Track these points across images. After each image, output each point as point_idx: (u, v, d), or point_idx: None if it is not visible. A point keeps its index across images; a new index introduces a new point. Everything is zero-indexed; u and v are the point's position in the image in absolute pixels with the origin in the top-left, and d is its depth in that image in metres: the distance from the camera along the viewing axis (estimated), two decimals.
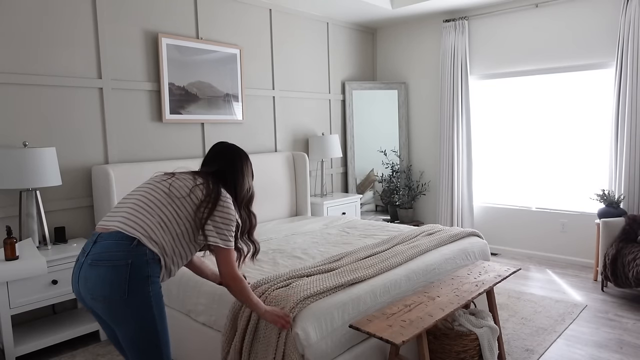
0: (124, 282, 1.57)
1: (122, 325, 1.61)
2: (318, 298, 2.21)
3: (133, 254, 1.60)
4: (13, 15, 2.98)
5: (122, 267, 1.57)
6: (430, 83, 5.46)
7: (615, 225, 3.79)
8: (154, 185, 1.79)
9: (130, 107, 3.58)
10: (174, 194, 1.75)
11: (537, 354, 2.78)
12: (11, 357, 2.67)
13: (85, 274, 1.61)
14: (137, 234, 1.63)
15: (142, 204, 1.72)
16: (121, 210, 1.72)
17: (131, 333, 1.61)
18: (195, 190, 1.78)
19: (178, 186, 1.78)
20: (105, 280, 1.56)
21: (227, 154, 1.96)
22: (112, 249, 1.60)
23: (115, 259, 1.58)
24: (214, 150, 1.99)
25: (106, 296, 1.57)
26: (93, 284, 1.58)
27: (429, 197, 5.59)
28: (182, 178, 1.82)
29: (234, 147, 2.00)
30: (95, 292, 1.58)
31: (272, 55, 4.62)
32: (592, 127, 4.48)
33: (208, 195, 1.78)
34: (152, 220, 1.68)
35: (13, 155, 2.78)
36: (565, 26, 4.45)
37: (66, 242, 3.14)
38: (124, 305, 1.58)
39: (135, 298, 1.59)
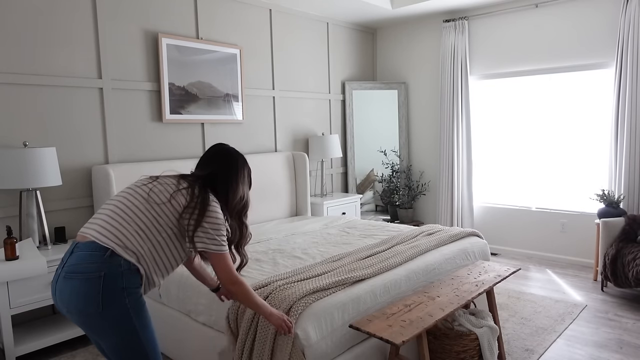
0: (98, 295, 1.50)
1: (102, 338, 1.56)
2: (318, 298, 2.21)
3: (107, 265, 1.52)
4: (13, 15, 2.98)
5: (95, 280, 1.50)
6: (430, 83, 5.46)
7: (615, 225, 3.79)
8: (133, 191, 1.68)
9: (130, 107, 3.58)
10: (153, 199, 1.64)
11: (537, 354, 2.78)
12: (11, 357, 2.67)
13: (60, 286, 1.54)
14: (111, 244, 1.54)
15: (119, 210, 1.62)
16: (98, 218, 1.63)
17: (113, 345, 1.56)
18: (177, 196, 1.67)
19: (158, 191, 1.67)
20: (79, 293, 1.50)
21: (222, 157, 1.85)
22: (86, 261, 1.52)
23: (88, 271, 1.51)
24: (210, 152, 1.89)
25: (81, 310, 1.51)
26: (68, 297, 1.52)
27: (429, 197, 5.59)
28: (164, 182, 1.71)
29: (232, 151, 1.89)
30: (70, 305, 1.52)
31: (272, 55, 4.62)
32: (592, 127, 4.48)
33: (192, 201, 1.67)
34: (128, 228, 1.59)
35: (13, 155, 2.78)
36: (566, 26, 4.45)
37: (66, 242, 3.14)
38: (101, 319, 1.52)
39: (111, 311, 1.52)
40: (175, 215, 1.66)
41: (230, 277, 1.75)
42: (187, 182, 1.74)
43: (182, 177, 1.77)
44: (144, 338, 1.60)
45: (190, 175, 1.81)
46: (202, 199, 1.68)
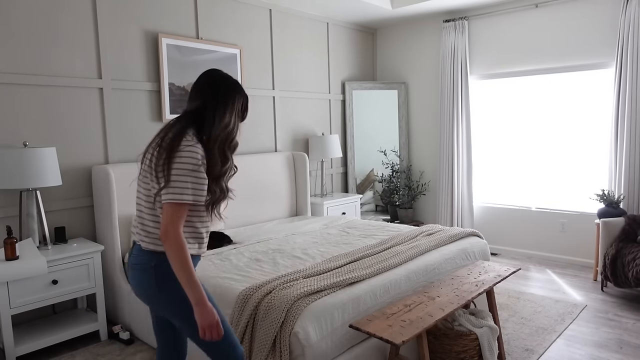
0: (156, 283, 1.62)
1: (172, 319, 1.67)
2: (318, 298, 2.21)
3: (153, 257, 1.63)
4: (13, 15, 2.98)
5: (148, 270, 1.62)
6: (430, 83, 5.46)
7: (615, 225, 3.79)
8: (139, 184, 1.72)
9: (130, 107, 3.58)
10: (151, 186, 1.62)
11: (537, 353, 2.79)
12: (11, 357, 2.67)
13: (130, 275, 1.71)
14: (146, 246, 1.63)
15: (139, 208, 1.70)
16: (136, 215, 1.72)
17: (183, 327, 1.65)
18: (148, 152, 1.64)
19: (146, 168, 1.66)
20: (141, 281, 1.65)
21: (211, 87, 1.67)
22: (139, 253, 1.66)
23: (143, 262, 1.64)
24: (199, 82, 1.72)
25: (144, 295, 1.67)
26: (135, 285, 1.69)
27: (429, 197, 5.59)
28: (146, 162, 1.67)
29: (223, 78, 1.70)
30: (137, 291, 1.69)
31: (272, 55, 4.62)
32: (592, 127, 4.48)
33: (161, 140, 1.57)
34: (150, 226, 1.64)
35: (13, 155, 2.78)
36: (566, 26, 4.45)
37: (66, 242, 3.14)
38: (163, 303, 1.64)
39: (171, 297, 1.61)
40: (156, 182, 1.59)
41: (167, 225, 1.50)
42: (164, 133, 1.61)
43: (167, 126, 1.65)
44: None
45: (178, 116, 1.68)
46: (170, 140, 1.55)
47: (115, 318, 3.29)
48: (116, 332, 3.08)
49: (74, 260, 2.93)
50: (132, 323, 3.13)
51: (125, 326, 3.20)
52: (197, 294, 1.52)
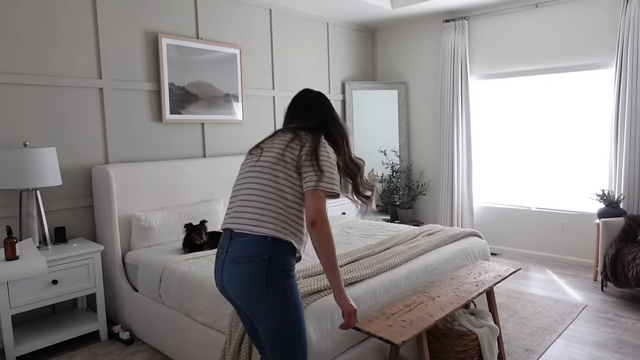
0: (263, 278, 1.58)
1: (262, 321, 1.62)
2: (318, 298, 2.21)
3: (268, 248, 1.60)
4: (13, 15, 2.98)
5: (259, 263, 1.58)
6: (430, 83, 5.46)
7: (615, 225, 3.79)
8: (254, 175, 1.70)
9: (130, 107, 3.58)
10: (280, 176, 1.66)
11: (537, 353, 2.79)
12: (11, 357, 2.67)
13: (228, 271, 1.64)
14: (267, 232, 1.60)
15: (254, 198, 1.66)
16: (241, 209, 1.67)
17: (270, 330, 1.61)
18: (288, 150, 1.69)
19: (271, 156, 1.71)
20: (245, 276, 1.59)
21: (318, 105, 1.86)
22: (249, 246, 1.60)
23: (253, 255, 1.59)
24: (305, 101, 1.89)
25: (247, 292, 1.60)
26: (236, 281, 1.61)
27: (429, 197, 5.59)
28: (272, 146, 1.73)
29: (320, 95, 1.91)
30: (237, 288, 1.62)
31: (272, 55, 4.62)
32: (592, 127, 4.48)
33: (304, 143, 1.69)
34: (274, 213, 1.63)
35: (13, 155, 2.78)
36: (566, 26, 4.45)
37: (66, 242, 3.14)
38: (264, 301, 1.59)
39: (273, 293, 1.59)
40: (294, 170, 1.66)
41: (317, 213, 1.59)
42: (292, 133, 1.74)
43: (285, 132, 1.77)
44: (297, 328, 1.64)
45: (293, 129, 1.78)
46: (312, 138, 1.70)
47: (115, 318, 3.29)
48: (116, 332, 3.08)
49: (74, 260, 2.94)
50: (132, 323, 3.13)
51: (125, 326, 3.20)
52: (339, 281, 1.65)
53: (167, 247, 3.32)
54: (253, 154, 1.78)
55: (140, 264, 3.09)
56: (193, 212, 3.61)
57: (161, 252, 3.20)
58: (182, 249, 3.23)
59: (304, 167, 1.65)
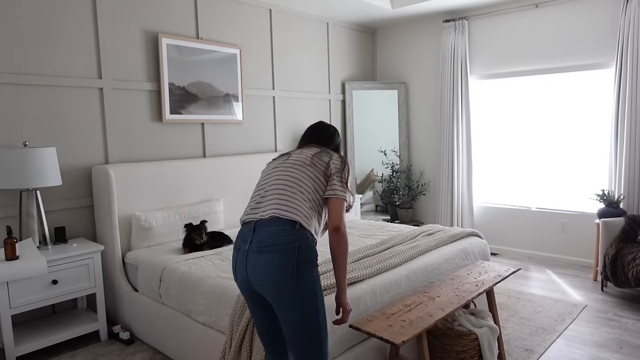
0: (293, 266, 1.61)
1: (288, 310, 1.63)
2: None
3: (298, 237, 1.64)
4: (13, 15, 2.98)
5: (289, 252, 1.62)
6: (430, 83, 5.46)
7: (615, 225, 3.79)
8: (280, 171, 1.81)
9: (130, 107, 3.58)
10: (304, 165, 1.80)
11: (537, 353, 2.79)
12: (11, 357, 2.67)
13: (254, 260, 1.65)
14: (297, 218, 1.66)
15: (285, 187, 1.74)
16: (269, 197, 1.74)
17: (295, 319, 1.63)
18: (319, 157, 1.83)
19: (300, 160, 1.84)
20: (275, 265, 1.61)
21: (333, 135, 2.06)
22: (277, 235, 1.64)
23: (283, 244, 1.62)
24: (325, 131, 2.05)
25: (276, 281, 1.61)
26: (264, 269, 1.63)
27: (429, 197, 5.59)
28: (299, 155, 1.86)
29: (336, 129, 2.11)
30: (265, 277, 1.63)
31: (272, 55, 4.62)
32: (592, 127, 4.48)
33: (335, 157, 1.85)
34: (302, 203, 1.71)
35: (13, 155, 2.78)
36: (566, 26, 4.45)
37: (66, 242, 3.14)
38: (293, 290, 1.62)
39: (302, 282, 1.62)
40: (322, 174, 1.78)
41: (341, 220, 1.71)
42: (319, 147, 1.92)
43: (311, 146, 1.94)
44: (322, 318, 1.68)
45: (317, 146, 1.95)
46: (339, 155, 1.89)
47: (115, 318, 3.29)
48: (116, 332, 3.08)
49: (74, 260, 2.94)
50: (132, 323, 3.13)
51: (125, 326, 3.20)
52: (346, 281, 1.76)
53: (167, 247, 3.32)
54: (278, 159, 1.89)
55: (140, 264, 3.09)
56: (193, 212, 3.61)
57: (161, 252, 3.20)
58: (182, 249, 3.23)
59: (332, 176, 1.78)
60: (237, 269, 1.72)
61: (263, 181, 1.84)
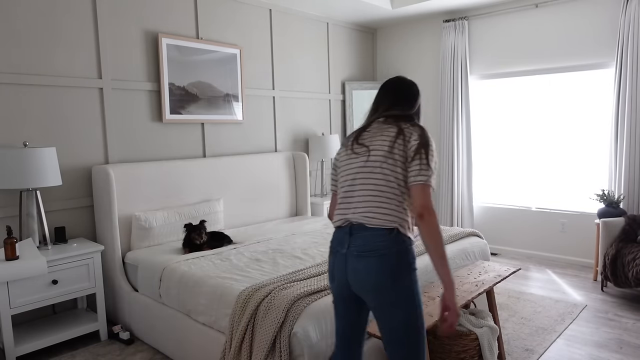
0: (392, 271, 1.59)
1: (387, 315, 1.62)
2: (318, 298, 2.21)
3: (395, 242, 1.61)
4: (14, 15, 2.98)
5: (388, 257, 1.59)
6: (430, 83, 5.46)
7: (615, 225, 3.79)
8: (369, 171, 1.69)
9: (130, 107, 3.58)
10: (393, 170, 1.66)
11: (537, 354, 2.79)
12: (11, 357, 2.67)
13: (354, 265, 1.63)
14: (393, 225, 1.62)
15: (375, 193, 1.66)
16: (360, 203, 1.68)
17: (394, 324, 1.61)
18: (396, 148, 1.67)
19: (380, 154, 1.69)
20: (375, 270, 1.59)
21: (414, 92, 1.83)
22: (376, 240, 1.61)
23: (381, 249, 1.60)
24: (401, 88, 1.84)
25: (376, 285, 1.60)
26: (364, 274, 1.61)
27: None
28: (377, 142, 1.71)
29: (412, 83, 1.87)
30: (366, 282, 1.61)
31: (272, 55, 4.62)
32: (592, 127, 4.48)
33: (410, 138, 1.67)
34: (395, 206, 1.64)
35: (13, 155, 2.78)
36: (566, 26, 4.45)
37: (66, 242, 3.14)
38: (393, 294, 1.59)
39: (401, 287, 1.60)
40: (403, 163, 1.66)
41: (424, 207, 1.58)
42: (395, 126, 1.72)
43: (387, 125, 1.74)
44: (420, 323, 1.64)
45: (393, 118, 1.77)
46: (418, 132, 1.68)
47: (115, 318, 3.29)
48: (116, 332, 3.08)
49: (74, 260, 2.94)
50: (132, 323, 3.13)
51: (125, 326, 3.20)
52: (449, 274, 1.57)
53: (167, 247, 3.32)
54: (358, 152, 1.74)
55: (140, 264, 3.09)
56: (193, 212, 3.61)
57: (161, 252, 3.20)
58: (182, 249, 3.23)
59: (412, 163, 1.64)
60: (336, 272, 1.71)
61: (349, 181, 1.74)
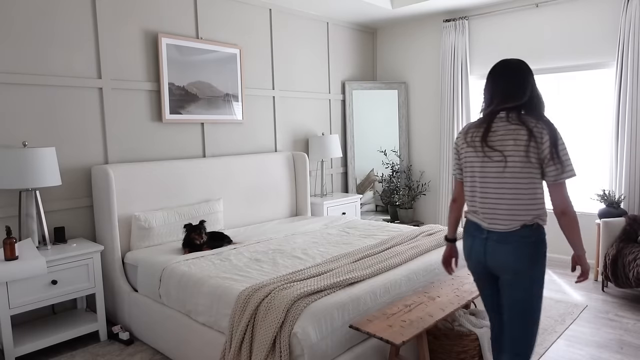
0: (529, 258, 1.79)
1: (516, 293, 1.83)
2: (318, 298, 2.21)
3: (535, 233, 1.80)
4: (13, 15, 2.98)
5: (528, 245, 1.79)
6: (430, 83, 5.45)
7: (615, 225, 3.78)
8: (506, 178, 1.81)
9: (130, 107, 3.57)
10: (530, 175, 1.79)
11: (537, 354, 2.78)
12: (11, 357, 2.66)
13: (493, 248, 1.84)
14: (535, 220, 1.79)
15: (517, 198, 1.79)
16: (501, 206, 1.82)
17: (524, 301, 1.82)
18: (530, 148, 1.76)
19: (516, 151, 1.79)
20: (514, 255, 1.79)
21: (526, 76, 1.86)
22: (516, 231, 1.79)
23: (521, 238, 1.79)
24: (515, 76, 1.86)
25: (514, 267, 1.80)
26: (504, 258, 1.82)
27: (429, 197, 5.58)
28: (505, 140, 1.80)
29: (523, 63, 1.89)
30: (505, 264, 1.82)
31: (272, 55, 4.61)
32: (592, 127, 4.48)
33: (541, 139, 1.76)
34: (534, 203, 1.79)
35: (13, 155, 2.77)
36: (566, 26, 4.45)
37: (66, 242, 3.13)
38: (527, 278, 1.80)
39: (535, 272, 1.81)
40: (537, 167, 1.79)
41: (565, 204, 1.78)
42: (524, 128, 1.78)
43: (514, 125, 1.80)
44: (540, 303, 1.85)
45: (514, 112, 1.83)
46: (546, 130, 1.77)
47: (115, 318, 3.28)
48: (116, 333, 3.08)
49: (74, 260, 2.93)
50: (131, 323, 3.13)
51: (124, 326, 3.20)
52: (582, 247, 1.84)
53: (167, 247, 3.32)
54: (491, 157, 1.84)
55: (140, 264, 3.09)
56: (193, 212, 3.60)
57: (161, 252, 3.20)
58: (182, 249, 3.23)
59: (547, 164, 1.76)
60: (473, 254, 1.92)
61: (487, 184, 1.87)
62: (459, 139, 1.99)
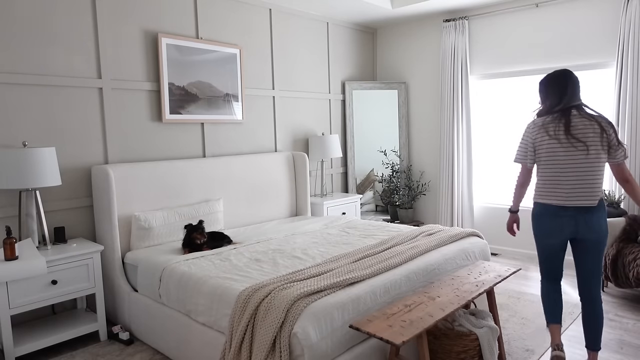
0: (605, 220, 2.43)
1: (597, 246, 2.44)
2: (318, 298, 2.21)
3: (604, 204, 2.43)
4: (13, 15, 2.98)
5: (604, 213, 2.43)
6: (430, 83, 5.46)
7: (615, 225, 3.78)
8: (589, 163, 2.36)
9: (130, 107, 3.57)
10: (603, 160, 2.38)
11: (537, 354, 2.78)
12: (11, 357, 2.66)
13: (587, 219, 2.39)
14: (601, 195, 2.41)
15: (592, 177, 2.36)
16: (583, 186, 2.37)
17: (602, 246, 2.45)
18: (602, 136, 2.34)
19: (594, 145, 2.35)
20: (599, 220, 2.41)
21: (578, 82, 2.45)
22: (599, 206, 2.40)
23: (602, 207, 2.41)
24: (574, 81, 2.44)
25: (603, 230, 2.42)
26: (597, 225, 2.40)
27: (429, 197, 5.59)
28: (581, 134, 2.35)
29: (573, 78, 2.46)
30: (598, 228, 2.40)
31: (272, 55, 4.62)
32: None
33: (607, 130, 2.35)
34: (601, 183, 2.40)
35: (13, 155, 2.77)
36: (566, 26, 4.45)
37: (66, 242, 3.13)
38: (605, 234, 2.43)
39: (606, 227, 2.44)
40: (607, 151, 2.39)
41: (629, 174, 2.43)
42: (595, 122, 2.36)
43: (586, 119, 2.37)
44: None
45: (580, 109, 2.42)
46: (608, 123, 2.37)
47: (115, 318, 3.28)
48: (116, 333, 3.08)
49: (74, 260, 2.93)
50: (131, 323, 3.13)
51: (124, 326, 3.20)
52: None
53: (166, 247, 3.32)
54: (577, 147, 2.36)
55: (140, 264, 3.09)
56: (193, 212, 3.60)
57: (161, 252, 3.20)
58: (182, 249, 3.23)
59: (616, 148, 2.37)
60: (559, 230, 2.46)
61: (570, 168, 2.38)
62: (533, 131, 2.48)
